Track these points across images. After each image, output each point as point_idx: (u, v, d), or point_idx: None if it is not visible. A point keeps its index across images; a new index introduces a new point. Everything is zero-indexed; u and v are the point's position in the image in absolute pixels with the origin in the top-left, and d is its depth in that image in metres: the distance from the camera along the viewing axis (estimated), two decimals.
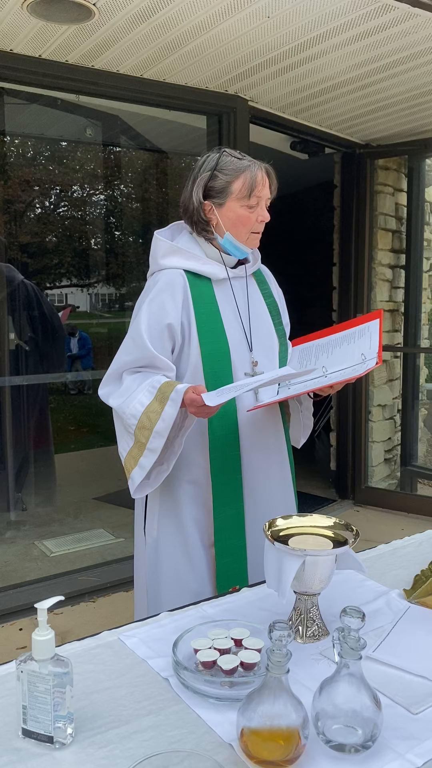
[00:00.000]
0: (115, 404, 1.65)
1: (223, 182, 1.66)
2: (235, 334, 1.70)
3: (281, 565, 1.17)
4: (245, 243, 1.71)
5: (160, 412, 1.57)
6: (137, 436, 1.62)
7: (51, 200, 6.21)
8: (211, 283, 1.71)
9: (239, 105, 3.42)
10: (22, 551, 3.68)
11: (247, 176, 1.65)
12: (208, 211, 1.69)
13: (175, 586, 1.72)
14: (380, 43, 2.77)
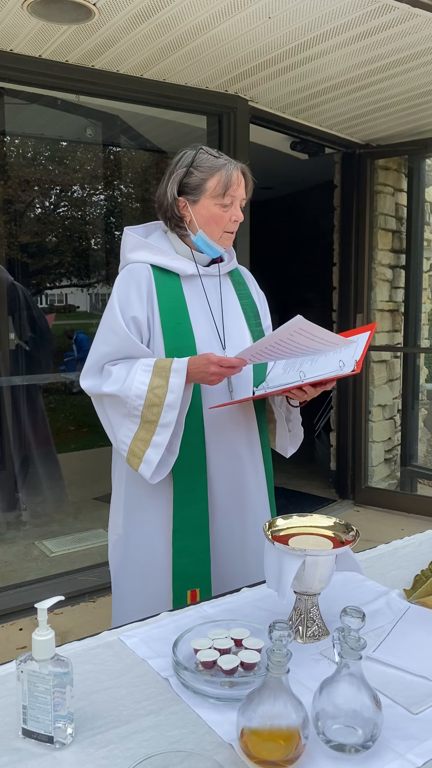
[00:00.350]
0: (113, 389, 1.61)
1: (198, 179, 1.65)
2: (206, 332, 1.68)
3: (281, 565, 1.17)
4: (218, 242, 1.70)
5: (165, 385, 1.57)
6: (145, 416, 1.59)
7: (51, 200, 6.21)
8: (180, 279, 1.70)
9: (239, 105, 3.42)
10: (22, 551, 3.68)
11: (223, 174, 1.64)
12: (182, 207, 1.68)
13: (138, 585, 1.71)
14: (380, 43, 2.77)
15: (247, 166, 1.72)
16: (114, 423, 1.65)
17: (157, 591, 1.70)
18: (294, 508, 4.50)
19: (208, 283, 1.74)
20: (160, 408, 1.58)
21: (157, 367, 1.59)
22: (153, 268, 1.68)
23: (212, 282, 1.75)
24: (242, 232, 3.56)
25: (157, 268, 1.69)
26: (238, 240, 3.52)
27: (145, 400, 1.58)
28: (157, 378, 1.58)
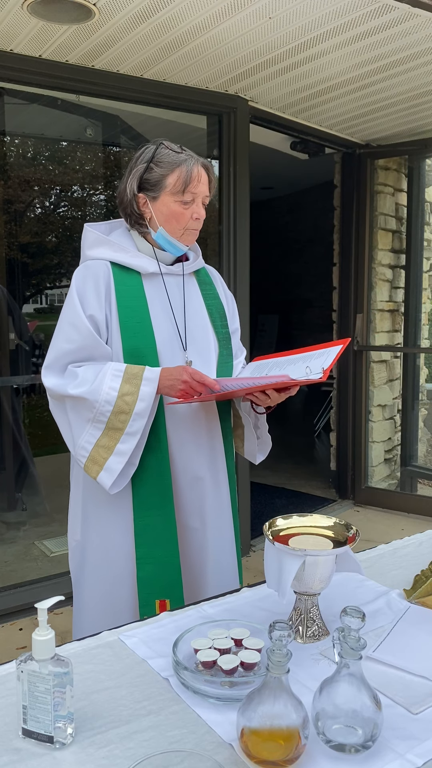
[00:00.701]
0: (78, 392, 1.54)
1: (157, 175, 1.60)
2: (166, 332, 1.63)
3: (281, 565, 1.17)
4: (179, 239, 1.64)
5: (135, 393, 1.53)
6: (111, 423, 1.55)
7: (51, 200, 6.21)
8: (141, 277, 1.64)
9: (239, 105, 3.42)
10: (22, 551, 3.68)
11: (183, 170, 1.58)
12: (142, 204, 1.63)
13: (98, 592, 1.65)
14: (380, 43, 2.77)
15: (210, 163, 1.66)
16: (75, 427, 1.59)
17: (119, 599, 1.63)
18: (294, 508, 4.50)
19: (171, 281, 1.68)
20: (128, 416, 1.54)
21: (128, 374, 1.54)
22: (113, 265, 1.63)
23: (175, 281, 1.69)
24: (242, 232, 3.56)
25: (116, 265, 1.63)
26: (239, 240, 3.53)
27: (114, 406, 1.54)
28: (127, 385, 1.54)
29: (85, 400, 1.55)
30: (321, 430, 6.99)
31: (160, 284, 1.66)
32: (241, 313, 3.58)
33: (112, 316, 1.60)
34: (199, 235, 1.72)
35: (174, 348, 1.63)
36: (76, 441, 1.59)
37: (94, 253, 1.64)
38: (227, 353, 1.75)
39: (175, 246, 1.66)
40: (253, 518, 3.88)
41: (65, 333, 1.60)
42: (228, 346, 1.76)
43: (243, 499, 3.74)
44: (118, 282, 1.61)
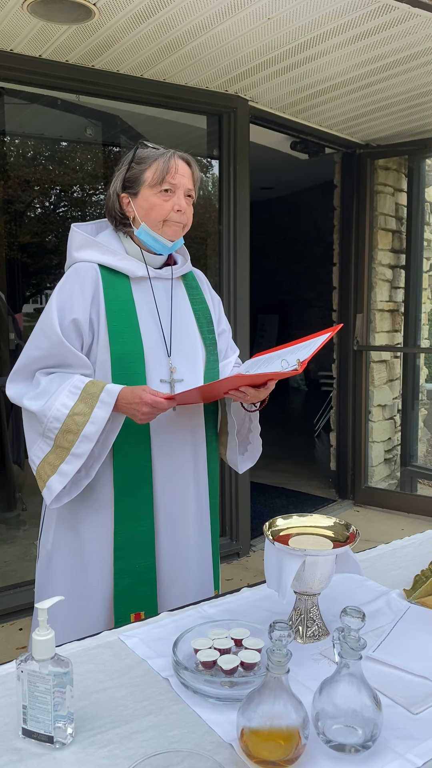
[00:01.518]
0: (33, 407, 1.51)
1: (137, 171, 1.59)
2: (152, 337, 1.59)
3: (281, 565, 1.17)
4: (160, 233, 1.60)
5: (88, 414, 1.47)
6: (59, 441, 1.50)
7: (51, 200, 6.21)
8: (129, 280, 1.60)
9: (239, 105, 3.42)
10: (22, 551, 3.67)
11: (160, 163, 1.57)
12: (126, 204, 1.61)
13: (66, 607, 1.56)
14: (380, 43, 2.77)
15: (192, 158, 1.64)
16: (28, 438, 1.56)
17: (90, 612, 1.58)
18: (294, 508, 4.50)
19: (159, 286, 1.65)
20: (75, 436, 1.48)
21: (85, 392, 1.48)
22: (101, 268, 1.59)
23: (163, 285, 1.66)
24: (242, 232, 3.56)
25: (105, 268, 1.59)
26: (239, 240, 3.53)
27: (62, 424, 1.49)
28: (81, 404, 1.48)
29: (35, 414, 1.52)
30: (321, 430, 6.99)
31: (148, 288, 1.63)
32: (241, 313, 3.61)
33: (99, 320, 1.56)
34: (200, 235, 1.70)
35: (158, 354, 1.59)
36: (29, 451, 1.57)
37: (81, 255, 1.61)
38: (213, 359, 1.71)
39: (157, 241, 1.61)
40: (253, 518, 3.88)
41: (35, 339, 1.56)
42: (214, 351, 1.72)
43: (243, 499, 3.75)
44: (106, 285, 1.57)
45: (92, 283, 1.56)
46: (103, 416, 1.47)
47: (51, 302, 1.56)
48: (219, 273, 3.56)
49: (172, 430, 1.61)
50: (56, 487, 1.50)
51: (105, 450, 1.53)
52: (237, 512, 3.72)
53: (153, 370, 1.58)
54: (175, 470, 1.62)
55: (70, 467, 1.49)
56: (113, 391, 1.48)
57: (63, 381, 1.52)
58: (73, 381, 1.51)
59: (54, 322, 1.52)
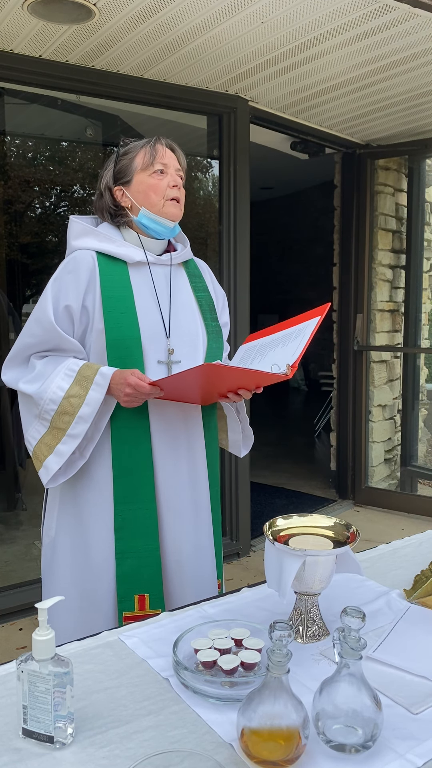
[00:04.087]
0: (29, 390, 1.56)
1: (126, 162, 1.65)
2: (151, 320, 1.61)
3: (282, 565, 1.17)
4: (161, 213, 1.63)
5: (83, 396, 1.52)
6: (55, 423, 1.55)
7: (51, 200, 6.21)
8: (127, 266, 1.63)
9: (239, 105, 3.42)
10: (22, 551, 3.68)
11: (147, 148, 1.63)
12: (120, 196, 1.65)
13: (72, 591, 1.61)
14: (380, 43, 2.77)
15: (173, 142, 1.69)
16: (24, 420, 1.62)
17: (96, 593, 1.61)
18: (294, 508, 4.50)
19: (158, 271, 1.67)
20: (71, 418, 1.53)
21: (80, 375, 1.53)
22: (98, 255, 1.62)
23: (163, 271, 1.68)
24: (242, 232, 3.56)
25: (102, 255, 1.62)
26: (239, 240, 3.53)
27: (58, 406, 1.54)
28: (76, 386, 1.53)
29: (31, 397, 1.57)
30: (321, 430, 6.99)
31: (146, 274, 1.65)
32: (241, 313, 3.61)
33: (96, 305, 1.58)
34: (200, 235, 1.71)
35: (157, 336, 1.61)
36: (25, 433, 1.62)
37: (79, 243, 1.64)
38: (217, 346, 1.73)
39: (159, 223, 1.64)
40: (253, 518, 3.88)
41: (29, 327, 1.61)
42: (219, 339, 1.74)
43: (243, 499, 3.75)
44: (103, 272, 1.60)
45: (88, 269, 1.59)
46: (97, 398, 1.52)
47: (46, 290, 1.60)
48: (219, 273, 3.56)
49: (170, 415, 1.63)
50: (53, 467, 1.56)
51: (98, 432, 1.58)
52: (237, 512, 3.72)
53: (150, 352, 1.60)
54: (173, 456, 1.64)
55: (66, 447, 1.54)
56: (107, 373, 1.52)
57: (58, 364, 1.56)
58: (68, 364, 1.56)
59: (48, 310, 1.56)
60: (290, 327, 1.63)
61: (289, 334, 1.60)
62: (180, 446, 1.65)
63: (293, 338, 1.57)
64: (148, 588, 1.60)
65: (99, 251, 1.62)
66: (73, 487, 1.63)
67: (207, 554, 1.72)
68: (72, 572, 1.63)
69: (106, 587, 1.61)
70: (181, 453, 1.65)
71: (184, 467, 1.66)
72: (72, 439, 1.54)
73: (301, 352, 1.49)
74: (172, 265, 1.71)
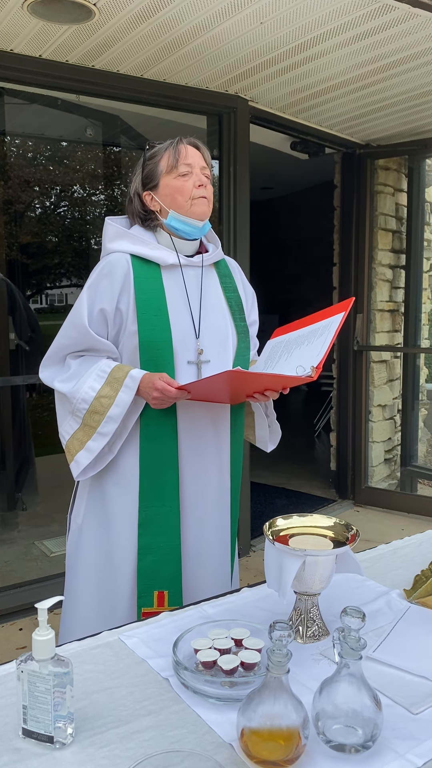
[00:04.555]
0: (63, 389, 1.64)
1: (152, 166, 1.69)
2: (181, 321, 1.65)
3: (281, 565, 1.17)
4: (189, 213, 1.66)
5: (113, 397, 1.59)
6: (86, 421, 1.63)
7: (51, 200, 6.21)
8: (160, 269, 1.68)
9: (239, 105, 3.42)
10: (22, 551, 3.68)
11: (170, 150, 1.66)
12: (149, 200, 1.69)
13: (93, 580, 1.69)
14: (380, 43, 2.77)
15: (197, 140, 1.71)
16: (59, 416, 1.71)
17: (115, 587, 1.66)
18: (294, 508, 4.50)
19: (190, 273, 1.71)
20: (101, 417, 1.60)
21: (111, 377, 1.60)
22: (132, 258, 1.66)
23: (194, 272, 1.72)
24: (242, 232, 3.56)
25: (136, 258, 1.67)
26: (239, 240, 3.53)
27: (89, 405, 1.61)
28: (107, 387, 1.60)
29: (65, 395, 1.65)
30: (321, 430, 6.99)
31: (178, 276, 1.70)
32: None
33: (129, 308, 1.63)
34: None
35: (187, 337, 1.66)
36: (59, 427, 1.71)
37: (114, 246, 1.69)
38: (245, 346, 1.78)
39: (188, 224, 1.67)
40: (253, 518, 3.88)
41: (65, 329, 1.67)
42: (247, 338, 1.79)
43: (243, 499, 3.75)
44: (137, 274, 1.65)
45: (122, 273, 1.64)
46: (126, 399, 1.59)
47: (82, 294, 1.66)
48: None
49: (198, 415, 1.68)
50: (83, 461, 1.64)
51: (126, 429, 1.64)
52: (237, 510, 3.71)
53: (181, 353, 1.65)
54: (199, 454, 1.69)
55: (96, 444, 1.62)
56: (136, 376, 1.59)
57: (91, 365, 1.64)
58: (100, 365, 1.63)
59: (83, 314, 1.63)
60: (317, 322, 1.67)
61: (315, 331, 1.64)
62: (207, 446, 1.70)
63: (318, 335, 1.61)
64: (168, 585, 1.65)
65: (133, 254, 1.67)
66: (100, 480, 1.69)
67: (225, 553, 1.76)
68: (95, 561, 1.69)
69: (125, 580, 1.66)
70: (207, 453, 1.70)
71: (210, 467, 1.71)
72: (102, 437, 1.61)
73: (325, 352, 1.53)
74: (204, 266, 1.75)
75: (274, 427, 1.88)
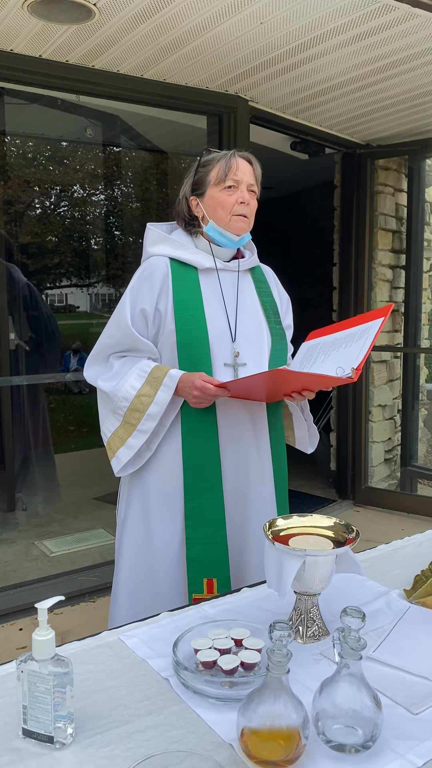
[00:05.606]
0: (106, 387, 1.71)
1: (203, 174, 1.74)
2: (218, 324, 1.71)
3: (281, 565, 1.17)
4: (227, 227, 1.73)
5: (153, 396, 1.65)
6: (127, 418, 1.69)
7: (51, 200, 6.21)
8: (197, 272, 1.74)
9: (239, 105, 3.42)
10: (22, 551, 3.68)
11: (222, 162, 1.71)
12: (195, 206, 1.76)
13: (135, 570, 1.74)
14: (380, 43, 2.77)
15: (252, 155, 1.76)
16: (101, 413, 1.77)
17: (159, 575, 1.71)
18: (294, 508, 4.49)
19: (226, 277, 1.77)
20: (141, 414, 1.67)
21: (151, 376, 1.66)
22: (171, 261, 1.73)
23: (230, 277, 1.78)
24: None
25: (175, 261, 1.74)
26: None
27: (130, 404, 1.68)
28: (147, 386, 1.66)
29: (107, 393, 1.72)
30: (321, 430, 6.99)
31: (215, 279, 1.76)
32: None
33: (168, 308, 1.69)
34: None
35: (223, 339, 1.71)
36: (101, 425, 1.77)
37: (154, 250, 1.76)
38: (281, 348, 1.82)
39: (225, 236, 1.73)
40: None
41: (109, 329, 1.76)
42: (282, 341, 1.84)
43: None
44: (175, 277, 1.71)
45: (161, 275, 1.72)
46: (165, 398, 1.65)
47: (125, 296, 1.74)
48: None
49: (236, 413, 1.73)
50: (124, 458, 1.71)
51: (163, 428, 1.70)
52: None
53: (218, 355, 1.70)
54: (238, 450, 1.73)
55: (136, 441, 1.69)
56: (175, 376, 1.65)
57: (133, 365, 1.70)
58: (141, 365, 1.69)
59: (126, 314, 1.70)
60: (353, 327, 1.70)
61: (353, 335, 1.67)
62: (246, 442, 1.74)
63: (356, 339, 1.65)
64: (216, 572, 1.70)
65: (172, 257, 1.74)
66: (141, 476, 1.75)
67: None
68: (137, 553, 1.75)
69: (168, 569, 1.71)
70: (246, 448, 1.74)
71: (250, 462, 1.75)
72: (141, 434, 1.68)
73: (365, 354, 1.58)
74: (240, 271, 1.80)
75: (312, 430, 1.94)
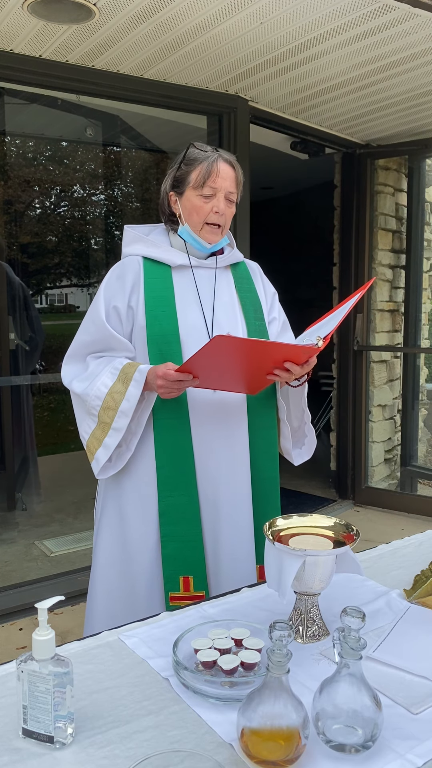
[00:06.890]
0: (79, 389, 1.70)
1: (184, 172, 1.70)
2: (191, 320, 1.70)
3: (282, 565, 1.17)
4: (199, 234, 1.71)
5: (124, 392, 1.63)
6: (101, 417, 1.67)
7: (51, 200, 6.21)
8: (171, 270, 1.74)
9: (239, 105, 3.42)
10: (22, 551, 3.68)
11: (204, 166, 1.66)
12: (173, 202, 1.74)
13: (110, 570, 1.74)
14: (380, 43, 2.77)
15: (236, 160, 1.72)
16: (77, 415, 1.76)
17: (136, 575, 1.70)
18: (294, 508, 4.50)
19: (202, 274, 1.76)
20: (114, 412, 1.65)
21: (122, 373, 1.65)
22: (144, 259, 1.73)
23: (207, 273, 1.77)
24: (242, 232, 3.56)
25: (148, 259, 1.73)
26: (239, 240, 3.52)
27: (102, 401, 1.66)
28: (119, 383, 1.64)
29: (79, 395, 1.70)
30: (321, 430, 6.99)
31: (189, 277, 1.75)
32: None
33: (139, 304, 1.69)
34: None
35: (198, 334, 1.69)
36: (79, 428, 1.75)
37: (129, 250, 1.77)
38: None
39: (196, 241, 1.72)
40: None
41: (85, 326, 1.74)
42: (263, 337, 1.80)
43: None
44: (147, 275, 1.71)
45: (133, 273, 1.72)
46: (135, 393, 1.62)
47: (99, 294, 1.74)
48: None
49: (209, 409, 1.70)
50: (102, 459, 1.68)
51: (140, 426, 1.68)
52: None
53: (191, 350, 1.66)
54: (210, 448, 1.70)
55: (111, 440, 1.66)
56: (144, 370, 1.63)
57: (107, 364, 1.69)
58: (114, 363, 1.68)
59: (100, 310, 1.70)
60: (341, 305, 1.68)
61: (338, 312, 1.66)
62: (218, 439, 1.71)
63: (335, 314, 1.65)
64: (192, 570, 1.68)
65: (146, 256, 1.74)
66: (116, 476, 1.73)
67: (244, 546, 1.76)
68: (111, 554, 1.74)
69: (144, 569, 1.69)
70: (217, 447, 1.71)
71: (221, 461, 1.71)
72: (116, 432, 1.65)
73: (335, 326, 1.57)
74: (218, 267, 1.79)
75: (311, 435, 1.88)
